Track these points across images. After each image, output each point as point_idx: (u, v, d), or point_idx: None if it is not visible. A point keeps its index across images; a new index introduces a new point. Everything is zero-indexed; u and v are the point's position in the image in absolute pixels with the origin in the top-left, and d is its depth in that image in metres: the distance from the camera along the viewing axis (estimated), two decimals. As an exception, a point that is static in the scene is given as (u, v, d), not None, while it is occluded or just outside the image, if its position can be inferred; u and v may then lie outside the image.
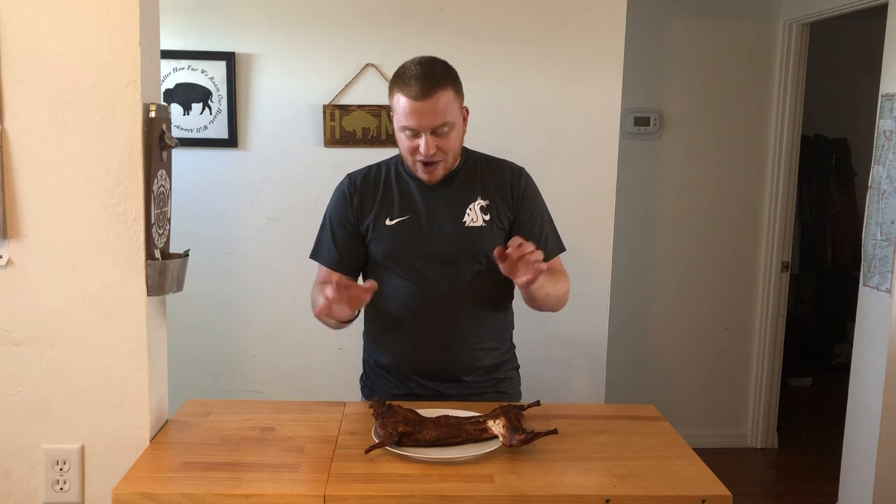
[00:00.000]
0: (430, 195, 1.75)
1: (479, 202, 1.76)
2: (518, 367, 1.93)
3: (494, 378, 1.83)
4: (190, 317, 2.70)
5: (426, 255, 1.74)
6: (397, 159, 1.82)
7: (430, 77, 1.62)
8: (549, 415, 1.56)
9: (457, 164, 1.77)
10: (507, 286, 1.85)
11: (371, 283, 1.57)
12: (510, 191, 1.78)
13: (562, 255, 1.86)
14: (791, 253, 3.83)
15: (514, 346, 1.91)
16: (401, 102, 1.63)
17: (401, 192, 1.77)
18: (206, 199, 2.74)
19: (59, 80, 1.36)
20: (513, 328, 1.91)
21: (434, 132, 1.64)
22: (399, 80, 1.64)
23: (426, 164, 1.68)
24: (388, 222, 1.75)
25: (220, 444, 1.43)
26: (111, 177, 1.39)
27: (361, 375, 1.93)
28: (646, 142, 3.64)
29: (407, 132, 1.66)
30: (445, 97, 1.63)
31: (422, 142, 1.64)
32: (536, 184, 1.84)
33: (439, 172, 1.71)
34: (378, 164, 1.83)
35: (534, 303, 1.76)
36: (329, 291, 1.51)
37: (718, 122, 3.67)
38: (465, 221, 1.74)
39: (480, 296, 1.77)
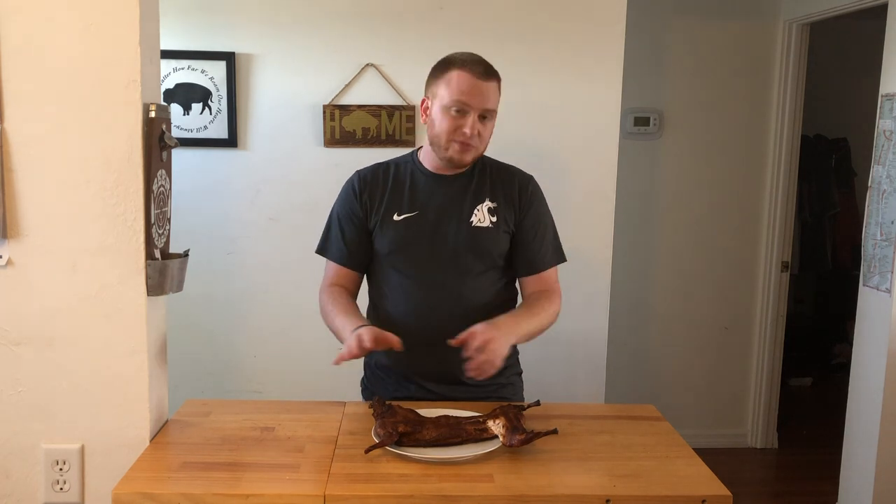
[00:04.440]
0: (439, 193, 1.76)
1: (488, 204, 1.76)
2: (521, 372, 1.92)
3: (496, 383, 1.81)
4: (190, 317, 2.69)
5: (431, 252, 1.74)
6: (408, 157, 1.83)
7: (491, 65, 1.72)
8: (549, 415, 1.56)
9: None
10: (510, 289, 1.85)
11: (398, 341, 1.58)
12: (517, 195, 1.79)
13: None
14: (791, 253, 3.82)
15: (517, 352, 1.90)
16: (462, 78, 1.67)
17: (411, 189, 1.77)
18: (206, 199, 2.74)
19: (59, 80, 1.36)
20: None
21: (481, 115, 1.68)
22: (457, 62, 1.70)
23: (464, 144, 1.69)
24: (395, 217, 1.75)
25: (220, 444, 1.43)
26: (111, 177, 1.39)
27: (362, 378, 1.93)
28: (646, 142, 3.64)
29: (454, 110, 1.67)
30: (498, 88, 1.72)
31: (469, 120, 1.67)
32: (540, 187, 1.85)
33: (470, 156, 1.72)
34: (387, 162, 1.84)
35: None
36: (359, 343, 1.55)
37: (718, 122, 3.67)
38: (472, 221, 1.74)
39: (483, 297, 1.77)
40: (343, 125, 2.71)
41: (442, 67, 1.72)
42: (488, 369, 1.55)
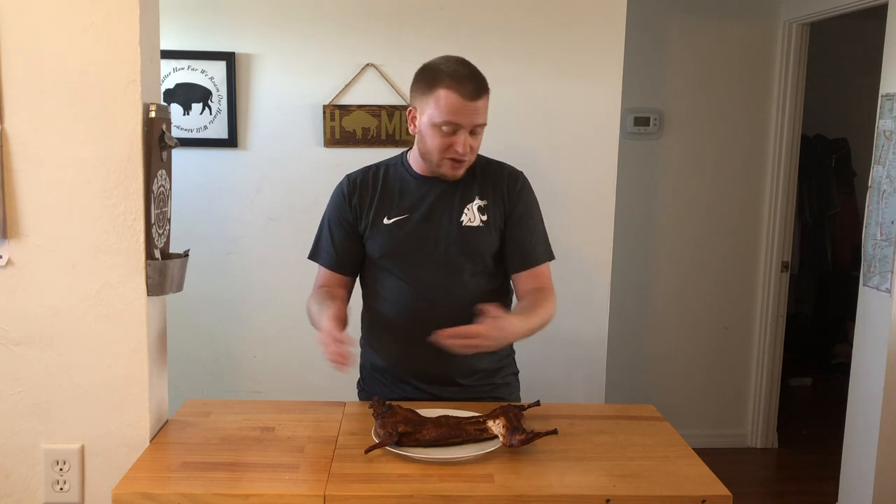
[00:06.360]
0: (429, 194, 1.75)
1: (477, 202, 1.75)
2: (517, 371, 1.92)
3: (491, 383, 1.82)
4: (190, 317, 2.70)
5: (422, 255, 1.73)
6: (397, 159, 1.82)
7: (480, 78, 1.66)
8: (549, 415, 1.56)
9: None
10: (503, 289, 1.84)
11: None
12: (506, 191, 1.77)
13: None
14: (791, 253, 3.83)
15: (513, 352, 1.90)
16: (449, 99, 1.62)
17: (400, 192, 1.76)
18: (206, 199, 2.74)
19: (59, 80, 1.36)
20: None
21: (471, 131, 1.66)
22: (447, 78, 1.63)
23: (457, 161, 1.68)
24: (385, 221, 1.75)
25: (220, 444, 1.43)
26: (111, 177, 1.39)
27: (358, 380, 1.92)
28: (646, 142, 3.64)
29: (445, 128, 1.64)
30: (487, 99, 1.68)
31: (460, 139, 1.65)
32: (536, 186, 1.83)
33: (462, 171, 1.72)
34: (377, 164, 1.83)
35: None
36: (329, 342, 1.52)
37: (718, 122, 3.67)
38: (462, 221, 1.74)
39: (476, 297, 1.75)
40: (343, 125, 2.71)
41: (429, 81, 1.66)
42: (470, 349, 1.52)
